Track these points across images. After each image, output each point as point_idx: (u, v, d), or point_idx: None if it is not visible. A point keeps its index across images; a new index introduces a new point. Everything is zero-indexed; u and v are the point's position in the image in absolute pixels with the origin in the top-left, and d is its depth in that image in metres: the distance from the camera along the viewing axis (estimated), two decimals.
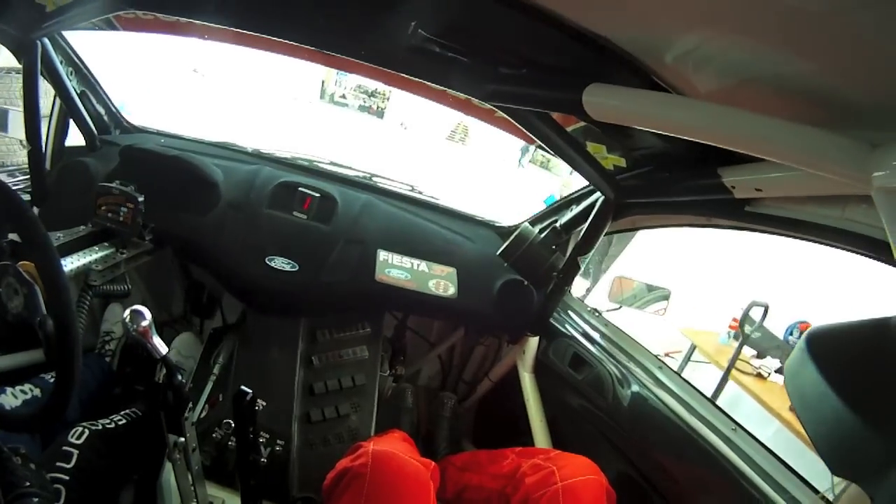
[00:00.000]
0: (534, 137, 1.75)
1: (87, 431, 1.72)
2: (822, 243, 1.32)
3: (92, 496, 1.65)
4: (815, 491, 1.44)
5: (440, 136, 22.92)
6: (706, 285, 5.03)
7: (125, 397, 2.19)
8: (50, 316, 1.21)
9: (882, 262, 1.15)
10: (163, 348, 1.40)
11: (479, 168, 18.00)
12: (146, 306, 1.37)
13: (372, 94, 26.01)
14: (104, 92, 2.51)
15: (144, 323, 1.36)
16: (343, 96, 25.97)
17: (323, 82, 24.83)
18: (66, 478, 1.57)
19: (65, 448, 1.64)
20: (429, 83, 1.65)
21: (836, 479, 1.32)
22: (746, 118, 0.95)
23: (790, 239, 1.40)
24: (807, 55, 0.85)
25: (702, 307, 4.85)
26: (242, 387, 1.46)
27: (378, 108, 25.98)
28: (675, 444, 1.75)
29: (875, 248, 1.17)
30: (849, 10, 0.71)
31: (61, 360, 1.22)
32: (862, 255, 1.21)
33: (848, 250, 1.25)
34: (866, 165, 0.83)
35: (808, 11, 0.75)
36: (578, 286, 2.48)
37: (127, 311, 1.36)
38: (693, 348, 4.84)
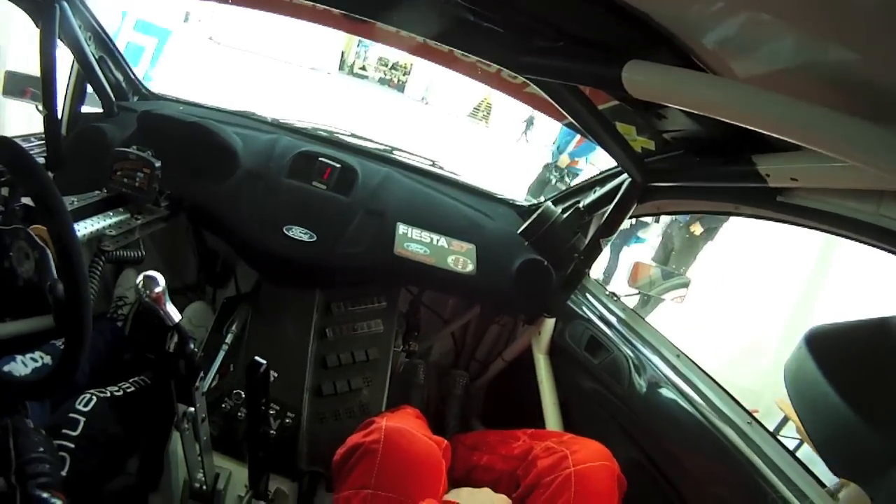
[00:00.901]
0: (565, 114, 1.72)
1: (94, 398, 1.73)
2: (854, 239, 1.30)
3: (97, 464, 1.67)
4: (823, 485, 1.43)
5: (462, 112, 22.70)
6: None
7: (135, 364, 2.21)
8: (60, 280, 1.21)
9: None
10: (176, 316, 1.40)
11: (496, 146, 17.86)
12: (158, 272, 1.38)
13: (393, 67, 25.54)
14: (123, 58, 2.50)
15: (158, 289, 1.36)
16: (363, 68, 25.49)
17: (343, 53, 24.28)
18: (72, 445, 1.59)
19: (71, 415, 1.66)
20: (460, 54, 1.63)
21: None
22: (789, 104, 0.93)
23: (820, 232, 1.38)
24: (852, 44, 0.83)
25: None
26: (256, 357, 1.46)
27: (399, 81, 25.53)
28: (688, 435, 1.74)
29: None
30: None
31: (71, 326, 1.21)
32: (894, 252, 1.19)
33: (880, 248, 1.23)
34: None
35: (858, 2, 0.74)
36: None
37: (140, 277, 1.36)
38: (785, 420, 4.59)
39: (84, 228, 1.72)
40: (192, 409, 1.49)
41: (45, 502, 1.21)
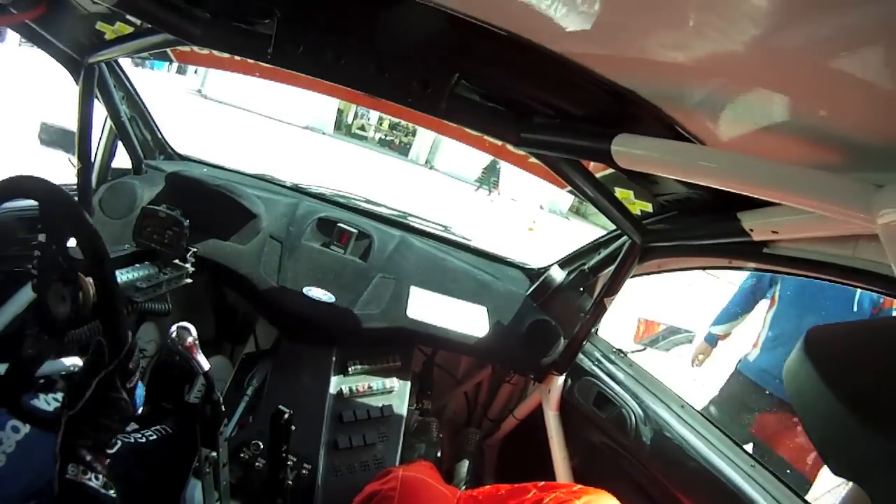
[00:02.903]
0: (565, 183, 1.84)
1: (119, 442, 1.73)
2: (836, 282, 1.37)
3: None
4: None
5: (469, 176, 22.54)
6: None
7: (153, 415, 2.23)
8: (98, 315, 1.29)
9: (892, 297, 1.20)
10: (206, 364, 1.47)
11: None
12: None
13: (394, 128, 24.45)
14: (152, 118, 2.64)
15: (190, 339, 1.45)
16: (362, 128, 24.26)
17: (340, 112, 23.11)
18: (95, 486, 1.62)
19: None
20: (468, 129, 1.76)
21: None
22: (761, 165, 1.02)
23: (806, 277, 1.46)
24: (817, 102, 0.92)
25: None
26: (281, 406, 1.53)
27: (401, 142, 24.37)
28: (694, 480, 1.78)
29: (886, 285, 1.22)
30: (852, 58, 0.78)
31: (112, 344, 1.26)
32: (874, 291, 1.27)
33: (861, 287, 1.31)
34: (871, 205, 0.87)
35: (817, 62, 0.83)
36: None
37: (174, 327, 1.45)
38: None
39: (118, 277, 1.80)
40: (214, 453, 1.54)
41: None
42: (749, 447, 1.93)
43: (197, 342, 1.46)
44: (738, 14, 0.81)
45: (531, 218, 17.29)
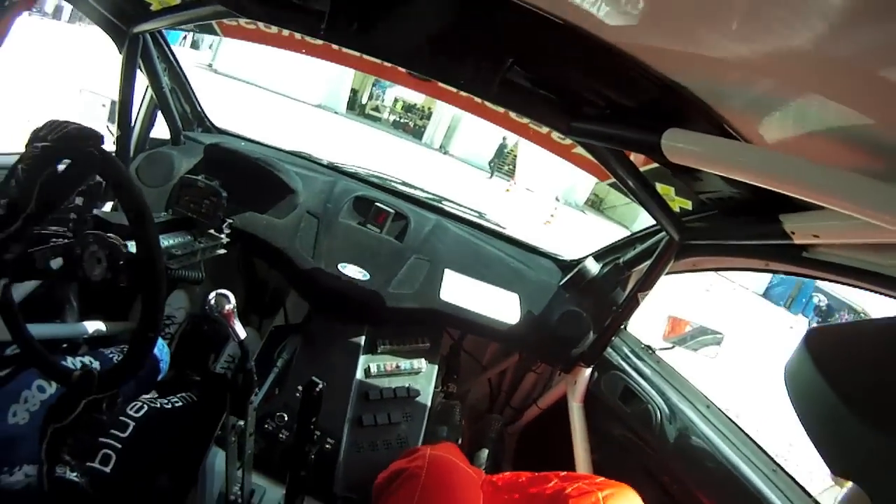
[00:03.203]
0: (609, 174, 1.85)
1: (146, 406, 1.82)
2: (876, 291, 1.36)
3: (140, 467, 1.74)
4: None
5: (483, 161, 22.12)
6: None
7: (177, 381, 2.32)
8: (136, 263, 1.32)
9: None
10: (242, 333, 1.48)
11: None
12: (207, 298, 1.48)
13: (409, 110, 23.91)
14: (192, 91, 2.68)
15: (229, 306, 1.46)
16: (376, 109, 23.66)
17: (355, 91, 22.33)
18: (119, 446, 1.66)
19: (122, 418, 1.74)
20: (514, 114, 1.77)
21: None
22: (809, 167, 1.01)
23: (847, 285, 1.45)
24: (867, 110, 0.92)
25: None
26: (314, 377, 1.53)
27: (416, 125, 23.89)
28: (715, 481, 1.79)
29: None
30: None
31: (148, 288, 1.29)
32: None
33: None
34: None
35: (869, 70, 0.82)
36: None
37: (213, 294, 1.46)
38: None
39: None
40: (241, 422, 1.56)
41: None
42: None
43: (235, 310, 1.47)
44: (793, 16, 0.81)
45: (548, 210, 17.05)
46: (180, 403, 2.00)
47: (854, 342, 0.77)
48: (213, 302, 1.45)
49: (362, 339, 2.32)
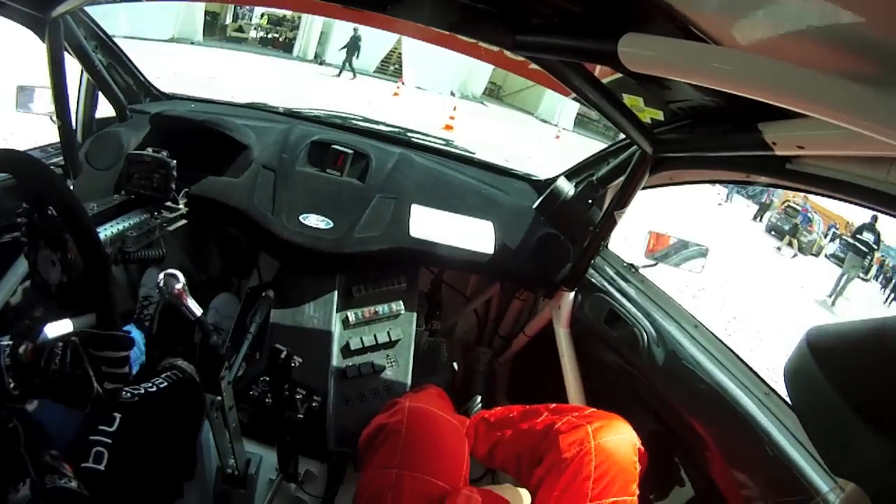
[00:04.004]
0: (568, 90, 1.70)
1: (129, 395, 1.75)
2: (863, 205, 1.27)
3: (135, 457, 1.68)
4: None
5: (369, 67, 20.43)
6: None
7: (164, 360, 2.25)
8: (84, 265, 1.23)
9: None
10: (197, 310, 1.45)
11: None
12: (184, 268, 1.43)
13: (279, 24, 22.09)
14: (131, 62, 2.52)
15: (178, 286, 1.42)
16: (240, 29, 21.83)
17: (215, 15, 20.31)
18: (109, 441, 1.60)
19: (108, 411, 1.67)
20: (460, 36, 1.61)
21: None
22: (791, 72, 0.90)
23: (832, 199, 1.35)
24: (853, 6, 0.80)
25: None
26: (277, 344, 1.51)
27: (286, 38, 22.06)
28: (706, 405, 1.73)
29: None
30: None
31: (96, 287, 1.23)
32: None
33: (891, 215, 1.20)
34: None
35: None
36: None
37: (161, 275, 1.42)
38: None
39: (105, 231, 1.76)
40: (219, 398, 1.54)
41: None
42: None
43: (186, 288, 1.44)
44: None
45: (447, 110, 15.41)
46: (165, 384, 1.90)
47: (856, 342, 0.75)
48: (161, 284, 1.42)
49: (336, 290, 2.27)
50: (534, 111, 23.41)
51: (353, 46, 18.47)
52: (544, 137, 18.53)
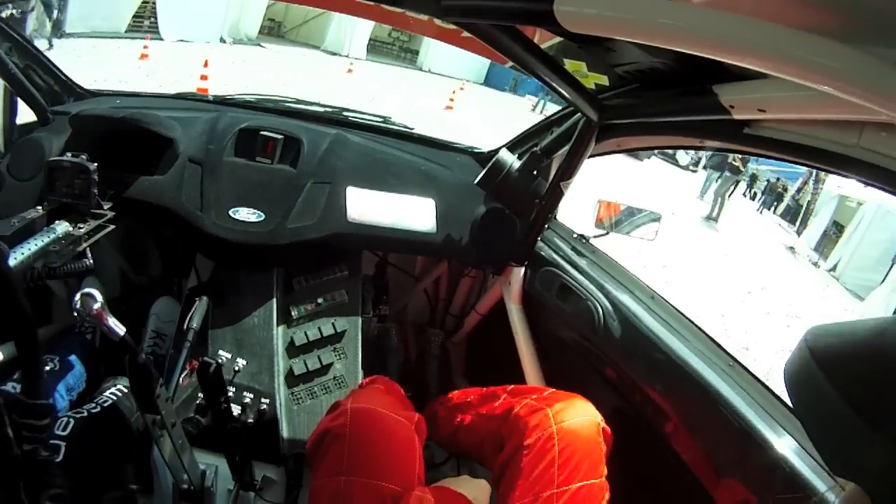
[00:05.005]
0: (505, 57, 1.59)
1: (71, 421, 1.70)
2: (832, 172, 1.22)
3: (86, 483, 1.64)
4: None
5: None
6: None
7: (111, 372, 2.18)
8: None
9: None
10: (120, 329, 1.31)
11: None
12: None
13: None
14: (50, 62, 2.34)
15: (96, 306, 1.28)
16: None
17: None
18: (59, 471, 1.56)
19: (52, 441, 1.63)
20: (383, 5, 1.47)
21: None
22: (750, 27, 0.82)
23: (796, 164, 1.29)
24: None
25: None
26: (205, 357, 1.41)
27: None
28: (667, 379, 1.70)
29: (892, 181, 1.05)
30: None
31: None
32: (877, 187, 1.11)
33: (863, 182, 1.15)
34: (892, 89, 0.74)
35: None
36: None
37: (76, 296, 1.28)
38: None
39: (26, 250, 1.61)
40: (158, 416, 1.43)
41: None
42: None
43: (105, 306, 1.29)
44: None
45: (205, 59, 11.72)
46: (108, 402, 1.89)
47: (855, 342, 0.74)
48: (79, 306, 1.27)
49: (274, 285, 2.17)
50: (320, 44, 21.79)
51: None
52: (335, 72, 17.10)
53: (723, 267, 10.44)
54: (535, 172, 2.15)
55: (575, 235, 2.29)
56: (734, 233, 14.26)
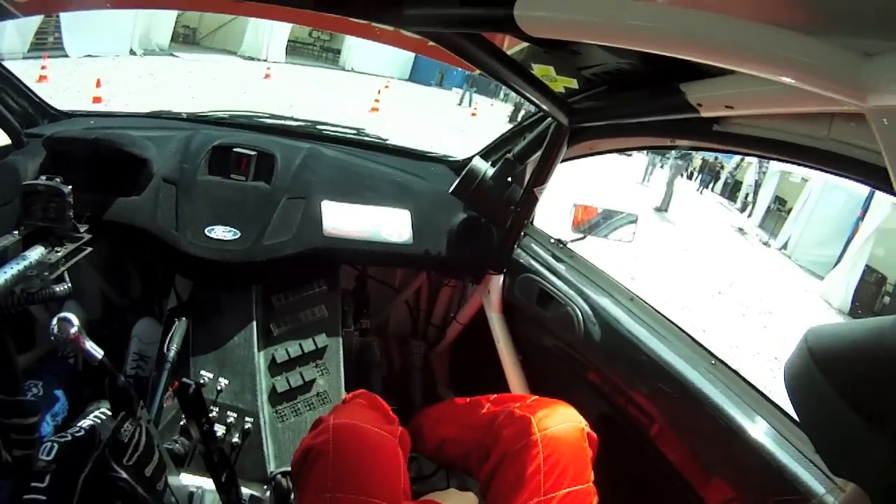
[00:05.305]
0: (472, 65, 1.58)
1: (56, 445, 1.65)
2: (804, 166, 1.22)
3: None
4: (793, 419, 1.40)
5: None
6: None
7: (95, 396, 2.13)
8: None
9: (876, 188, 1.05)
10: (98, 352, 1.33)
11: None
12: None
13: None
14: (22, 83, 2.32)
15: (73, 330, 1.28)
16: None
17: None
18: (44, 498, 1.52)
19: (37, 469, 1.58)
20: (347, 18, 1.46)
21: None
22: (714, 23, 0.81)
23: (766, 160, 1.29)
24: None
25: None
26: (184, 379, 1.39)
27: None
28: (651, 380, 1.70)
29: (867, 173, 1.05)
30: None
31: None
32: (853, 179, 1.11)
33: (836, 174, 1.15)
34: (859, 79, 0.73)
35: None
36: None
37: (53, 321, 1.28)
38: None
39: (4, 276, 1.56)
40: None
41: None
42: None
43: (82, 331, 1.30)
44: None
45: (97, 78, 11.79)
46: (92, 424, 1.83)
47: (854, 343, 0.75)
48: (56, 331, 1.28)
49: (253, 303, 2.14)
50: (237, 49, 21.21)
51: None
52: (251, 79, 16.34)
53: (686, 264, 10.51)
54: (509, 179, 2.16)
55: (552, 241, 2.29)
56: (687, 222, 14.42)
